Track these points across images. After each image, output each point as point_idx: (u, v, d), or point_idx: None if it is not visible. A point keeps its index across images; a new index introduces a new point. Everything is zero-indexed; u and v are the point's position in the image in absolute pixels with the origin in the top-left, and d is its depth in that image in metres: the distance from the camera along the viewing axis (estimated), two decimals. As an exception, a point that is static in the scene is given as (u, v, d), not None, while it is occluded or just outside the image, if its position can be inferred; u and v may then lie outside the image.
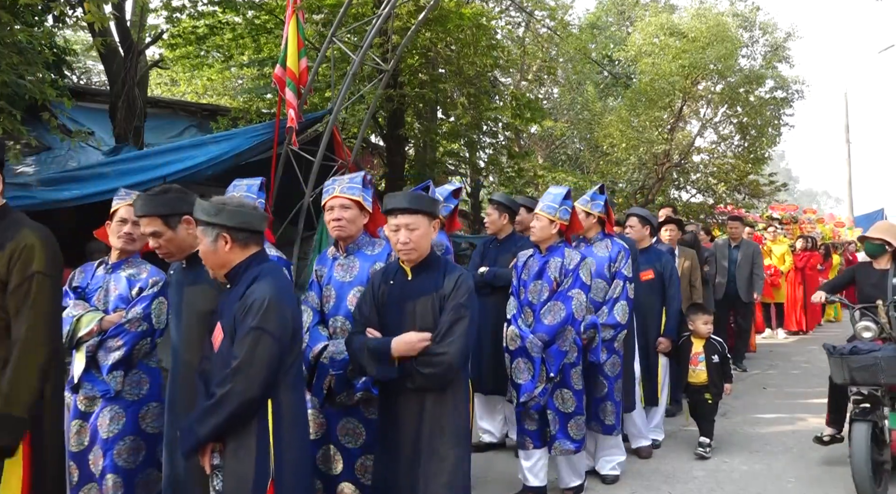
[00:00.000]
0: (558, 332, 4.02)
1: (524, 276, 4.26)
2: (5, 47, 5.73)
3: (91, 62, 15.80)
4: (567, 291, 4.06)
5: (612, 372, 4.51)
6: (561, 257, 4.13)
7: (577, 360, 4.12)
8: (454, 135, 11.83)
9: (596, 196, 4.75)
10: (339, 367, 3.22)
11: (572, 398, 4.10)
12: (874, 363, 4.10)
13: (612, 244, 4.70)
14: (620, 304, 4.53)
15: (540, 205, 4.25)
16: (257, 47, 10.27)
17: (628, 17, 18.07)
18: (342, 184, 3.48)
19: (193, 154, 6.55)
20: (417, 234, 2.85)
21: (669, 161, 12.94)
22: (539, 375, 4.01)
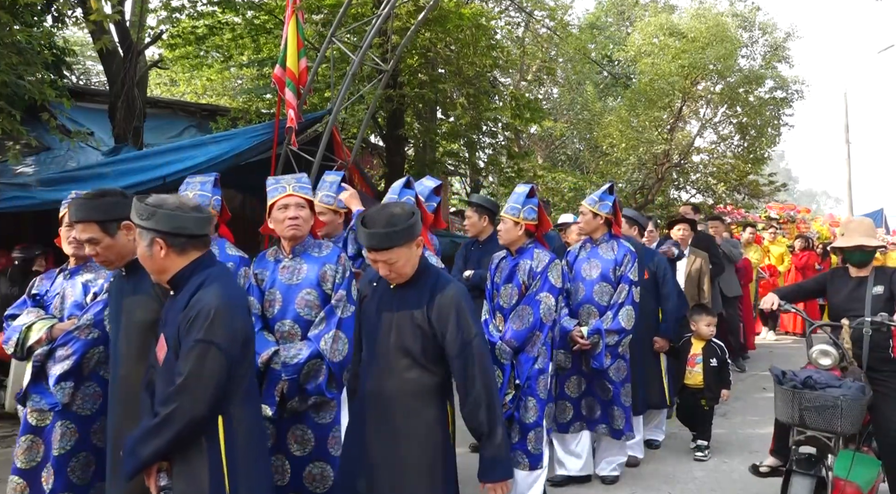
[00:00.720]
0: (527, 338, 3.86)
1: (497, 278, 4.12)
2: (5, 47, 5.74)
3: (90, 62, 15.81)
4: (535, 294, 3.89)
5: (618, 377, 4.42)
6: (530, 260, 3.96)
7: (545, 366, 3.92)
8: (454, 135, 11.83)
9: (604, 196, 4.56)
10: (291, 371, 3.08)
11: (535, 407, 3.88)
12: (833, 404, 3.21)
13: (618, 247, 4.54)
14: (626, 309, 4.38)
15: (504, 206, 4.12)
16: (257, 47, 10.27)
17: (628, 17, 18.07)
18: (291, 183, 3.35)
19: (193, 154, 6.56)
20: (398, 265, 2.62)
21: (669, 161, 12.94)
22: (508, 382, 3.88)
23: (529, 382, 3.87)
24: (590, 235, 4.62)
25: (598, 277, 4.49)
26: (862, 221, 4.13)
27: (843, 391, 3.26)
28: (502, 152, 13.30)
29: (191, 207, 2.41)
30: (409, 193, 3.73)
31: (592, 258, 4.55)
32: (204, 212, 2.45)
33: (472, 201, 5.33)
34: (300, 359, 3.08)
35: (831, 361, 3.65)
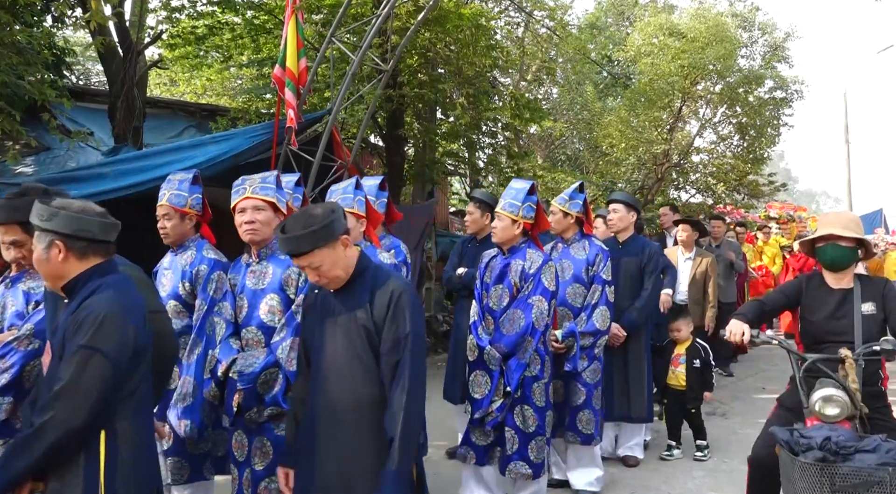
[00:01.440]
0: (517, 343, 3.67)
1: (487, 278, 3.93)
2: (5, 48, 5.74)
3: (90, 63, 15.81)
4: (527, 298, 3.71)
5: (592, 379, 4.28)
6: (522, 260, 3.79)
7: (539, 373, 3.74)
8: (453, 135, 11.83)
9: (575, 195, 4.43)
10: (247, 381, 2.95)
11: (533, 416, 3.71)
12: (879, 479, 2.37)
13: (589, 246, 4.40)
14: (600, 310, 4.26)
15: (501, 202, 3.95)
16: (256, 47, 10.27)
17: (627, 17, 18.07)
18: (254, 184, 3.20)
19: (193, 154, 6.56)
20: (324, 269, 2.42)
21: (669, 161, 12.95)
22: (496, 389, 3.69)
23: (523, 390, 3.70)
24: (560, 234, 4.49)
25: (571, 278, 4.35)
26: (841, 212, 3.76)
27: (884, 458, 2.43)
28: (502, 152, 13.30)
29: (96, 212, 2.27)
30: (360, 194, 3.63)
31: (564, 259, 4.42)
32: (109, 219, 2.29)
33: (475, 196, 5.11)
34: (255, 368, 2.96)
35: (839, 410, 2.81)
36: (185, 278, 3.42)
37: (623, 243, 5.07)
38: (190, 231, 3.58)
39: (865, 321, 3.07)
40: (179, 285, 3.42)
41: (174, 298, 3.43)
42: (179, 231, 3.53)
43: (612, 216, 5.08)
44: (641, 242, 5.17)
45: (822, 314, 3.17)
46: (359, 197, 3.65)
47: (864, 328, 3.05)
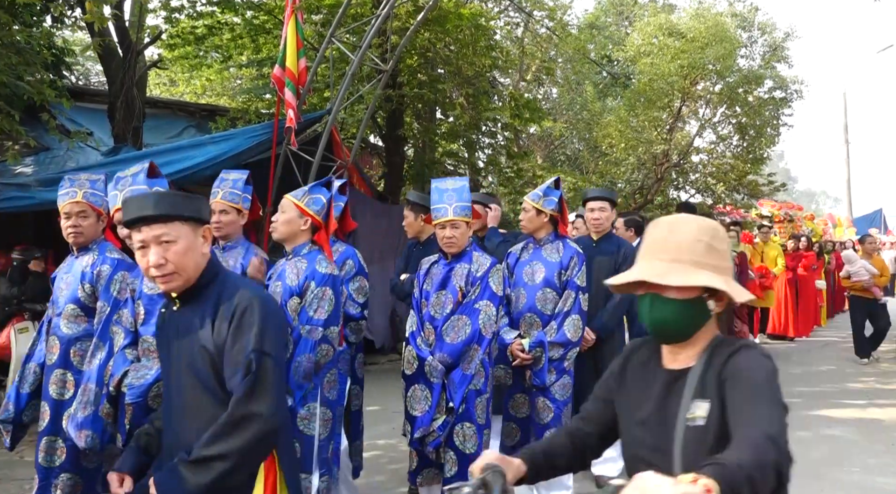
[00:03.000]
0: (462, 352, 3.37)
1: (426, 286, 3.60)
2: (4, 48, 5.74)
3: (90, 63, 15.80)
4: (474, 302, 3.42)
5: (562, 395, 3.87)
6: (468, 264, 3.51)
7: (483, 387, 3.44)
8: (453, 135, 11.83)
9: (549, 192, 4.05)
10: (136, 394, 2.73)
11: (474, 435, 3.38)
12: None
13: (564, 248, 4.01)
14: (572, 318, 3.87)
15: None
16: (256, 48, 10.27)
17: (627, 17, 18.07)
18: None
19: (192, 154, 6.56)
20: (177, 249, 1.97)
21: (668, 161, 12.94)
22: (437, 405, 3.36)
23: (466, 405, 3.37)
24: (532, 234, 4.10)
25: (542, 282, 3.96)
26: (680, 226, 1.63)
27: None
28: (501, 152, 13.30)
29: None
30: (324, 193, 3.41)
31: (535, 261, 4.03)
32: None
33: (409, 199, 4.75)
34: (147, 380, 2.75)
35: None
36: (85, 279, 3.20)
37: (597, 241, 4.75)
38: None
39: (690, 436, 1.56)
40: (78, 287, 3.21)
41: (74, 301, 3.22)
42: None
43: (599, 215, 4.69)
44: (617, 240, 4.85)
45: (638, 413, 1.69)
46: (319, 195, 3.49)
47: (686, 449, 1.55)
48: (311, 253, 3.16)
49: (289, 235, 3.23)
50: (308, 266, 3.07)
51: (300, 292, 3.01)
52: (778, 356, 9.74)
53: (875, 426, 6.02)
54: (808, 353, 10.06)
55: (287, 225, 3.22)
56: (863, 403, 6.89)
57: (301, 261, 3.12)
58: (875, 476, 4.73)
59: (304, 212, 3.22)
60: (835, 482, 4.63)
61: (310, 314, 2.96)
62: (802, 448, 5.34)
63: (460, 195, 3.52)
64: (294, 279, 3.05)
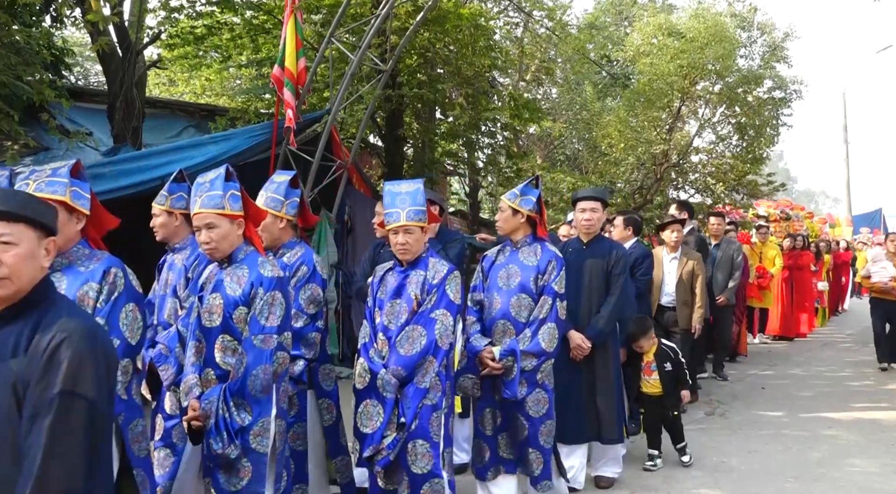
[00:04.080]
0: (417, 364, 3.16)
1: (380, 294, 3.39)
2: (3, 48, 5.75)
3: (89, 63, 15.80)
4: (430, 311, 3.21)
5: (537, 411, 3.65)
6: (424, 271, 3.31)
7: (439, 402, 3.21)
8: (453, 135, 11.83)
9: (528, 190, 3.83)
10: None
11: (428, 453, 3.15)
12: None
13: (542, 251, 3.77)
14: (547, 327, 3.62)
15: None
16: (255, 47, 10.26)
17: (626, 17, 18.06)
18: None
19: (192, 154, 6.56)
20: (17, 253, 1.73)
21: (668, 161, 12.93)
22: (389, 421, 3.14)
23: (419, 421, 3.14)
24: (509, 236, 3.89)
25: (517, 287, 3.73)
26: None
27: None
28: (501, 152, 13.30)
29: None
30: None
31: (511, 264, 3.80)
32: None
33: None
34: None
35: None
36: None
37: (588, 243, 4.50)
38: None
39: None
40: None
41: None
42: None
43: (591, 217, 4.43)
44: (608, 243, 4.62)
45: None
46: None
47: None
48: (248, 257, 2.92)
49: (229, 246, 2.93)
50: (251, 272, 2.85)
51: (246, 300, 2.82)
52: (778, 356, 9.76)
53: (875, 427, 6.02)
54: (807, 353, 10.06)
55: (223, 239, 2.90)
56: (863, 403, 6.89)
57: (240, 268, 2.88)
58: (875, 477, 4.74)
59: (226, 214, 2.88)
60: (834, 482, 4.64)
61: (261, 322, 2.79)
62: (802, 447, 5.35)
63: (414, 199, 3.30)
64: (236, 288, 2.84)
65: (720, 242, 8.08)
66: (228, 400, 2.75)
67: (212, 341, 2.87)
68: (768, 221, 13.12)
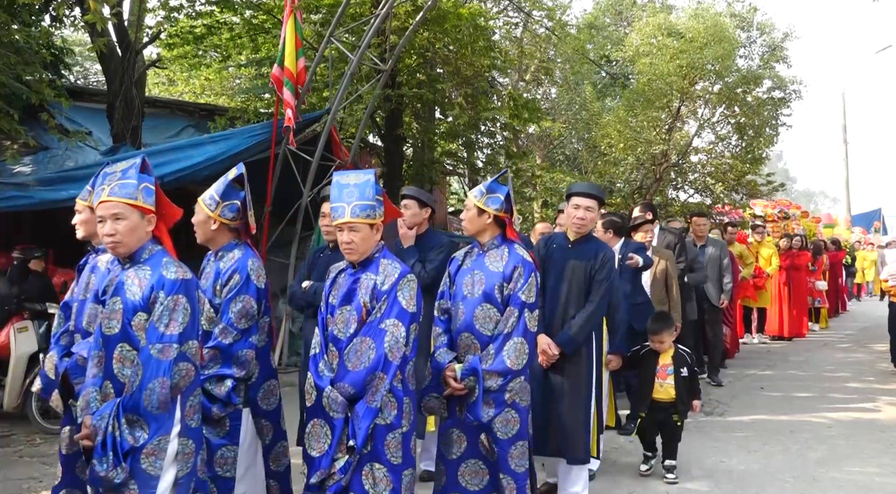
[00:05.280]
0: (366, 381, 2.83)
1: (332, 299, 3.03)
2: (3, 47, 5.74)
3: (89, 62, 15.79)
4: (379, 321, 2.88)
5: (505, 433, 3.26)
6: (374, 274, 2.96)
7: (395, 421, 2.89)
8: (452, 135, 11.84)
9: (495, 187, 3.45)
10: None
11: (387, 477, 2.86)
12: None
13: (509, 255, 3.38)
14: (514, 342, 3.24)
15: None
16: (255, 47, 10.27)
17: (626, 17, 18.07)
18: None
19: (191, 154, 6.56)
20: None
21: (667, 161, 12.94)
22: (339, 442, 2.84)
23: (373, 443, 2.85)
24: (476, 237, 3.50)
25: (481, 296, 3.33)
26: None
27: None
28: (500, 152, 13.31)
29: None
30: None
31: (477, 270, 3.40)
32: None
33: None
34: None
35: None
36: None
37: (574, 243, 4.12)
38: None
39: None
40: None
41: None
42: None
43: (585, 216, 4.07)
44: (595, 244, 4.20)
45: None
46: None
47: None
48: (153, 257, 2.65)
49: (136, 242, 2.65)
50: (153, 273, 2.58)
51: (146, 306, 2.54)
52: (776, 356, 9.76)
53: (875, 427, 6.02)
54: (806, 353, 10.07)
55: (130, 233, 2.62)
56: (862, 403, 6.90)
57: (142, 269, 2.61)
58: (874, 476, 4.74)
59: (138, 206, 2.64)
60: (834, 482, 4.64)
61: (160, 329, 2.50)
62: (802, 448, 5.35)
63: (362, 192, 2.95)
64: (137, 292, 2.55)
65: (706, 242, 7.96)
66: (120, 417, 2.47)
67: (111, 350, 2.58)
68: (765, 221, 13.12)
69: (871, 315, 15.11)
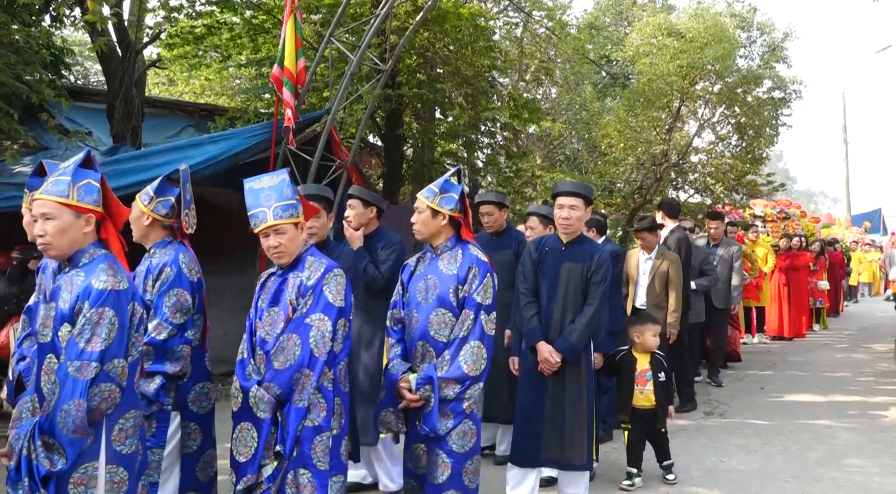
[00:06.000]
0: (292, 380, 2.71)
1: (261, 303, 2.95)
2: (3, 47, 5.74)
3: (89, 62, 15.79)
4: (304, 316, 2.78)
5: (461, 446, 3.09)
6: (301, 272, 2.88)
7: (324, 423, 2.76)
8: (452, 135, 11.84)
9: (449, 187, 3.28)
10: None
11: (311, 483, 2.72)
12: None
13: (462, 256, 3.22)
14: (470, 346, 3.08)
15: None
16: (255, 47, 10.27)
17: (626, 17, 18.07)
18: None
19: (191, 154, 6.56)
20: None
21: (667, 161, 12.94)
22: (266, 446, 2.70)
23: (300, 446, 2.71)
24: (429, 240, 3.34)
25: (435, 301, 3.19)
26: None
27: None
28: (501, 152, 13.31)
29: None
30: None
31: (430, 275, 3.26)
32: None
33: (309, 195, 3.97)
34: None
35: None
36: None
37: (567, 245, 3.99)
38: None
39: None
40: None
41: None
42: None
43: (570, 215, 3.92)
44: (590, 246, 4.09)
45: None
46: (87, 180, 2.50)
47: None
48: (93, 261, 2.43)
49: (69, 244, 2.44)
50: (84, 280, 2.36)
51: (70, 316, 2.33)
52: (776, 356, 9.76)
53: (874, 427, 6.02)
54: (806, 353, 10.06)
55: (61, 234, 2.41)
56: (862, 403, 6.90)
57: (78, 274, 2.39)
58: (874, 476, 4.74)
59: (70, 205, 2.42)
60: (834, 482, 4.64)
61: (80, 345, 2.27)
62: (802, 447, 5.35)
63: (280, 193, 2.86)
64: (67, 299, 2.35)
65: (718, 243, 7.97)
66: (36, 439, 2.26)
67: (41, 360, 2.39)
68: (765, 221, 13.12)
69: (872, 315, 15.12)
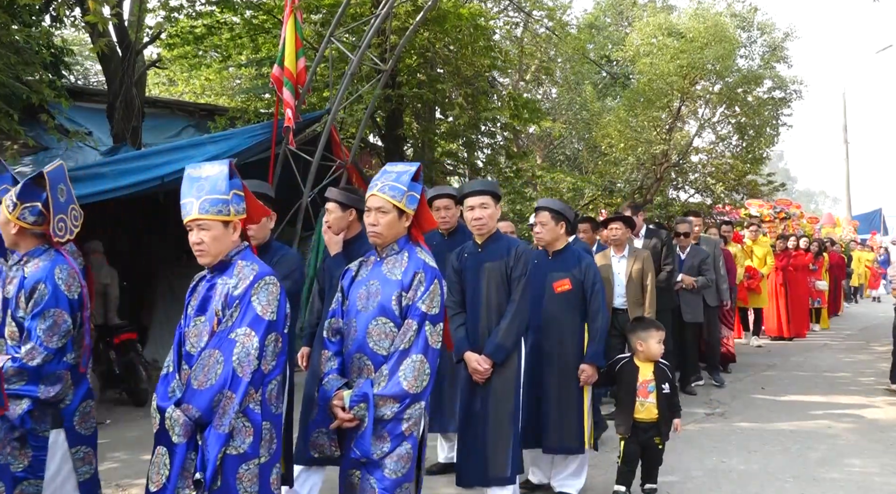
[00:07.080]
0: (213, 401, 2.40)
1: (190, 310, 2.63)
2: (3, 47, 5.75)
3: (89, 62, 15.79)
4: (229, 331, 2.46)
5: (395, 471, 2.70)
6: (229, 277, 2.55)
7: (250, 450, 2.46)
8: (452, 135, 11.84)
9: (412, 185, 2.93)
10: None
11: None
12: None
13: (408, 260, 2.88)
14: (412, 360, 2.72)
15: None
16: (255, 47, 10.27)
17: (626, 17, 18.07)
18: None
19: (191, 154, 6.56)
20: None
21: (668, 161, 12.93)
22: (180, 474, 2.40)
23: (224, 476, 2.41)
24: (382, 245, 2.98)
25: (376, 309, 2.83)
26: None
27: None
28: (501, 152, 13.31)
29: None
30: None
31: (373, 280, 2.90)
32: None
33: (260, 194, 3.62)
34: None
35: None
36: None
37: (483, 245, 3.85)
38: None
39: None
40: None
41: None
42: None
43: (481, 214, 3.79)
44: (506, 241, 3.91)
45: None
46: None
47: None
48: None
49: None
50: None
51: None
52: (777, 356, 9.75)
53: (874, 427, 6.02)
54: (806, 354, 10.06)
55: None
56: (862, 403, 6.89)
57: None
58: (874, 476, 4.74)
59: None
60: (834, 482, 4.63)
61: None
62: (802, 447, 5.34)
63: (214, 186, 2.54)
64: None
65: (698, 241, 7.80)
66: None
67: None
68: (761, 221, 13.12)
69: (872, 315, 15.11)
